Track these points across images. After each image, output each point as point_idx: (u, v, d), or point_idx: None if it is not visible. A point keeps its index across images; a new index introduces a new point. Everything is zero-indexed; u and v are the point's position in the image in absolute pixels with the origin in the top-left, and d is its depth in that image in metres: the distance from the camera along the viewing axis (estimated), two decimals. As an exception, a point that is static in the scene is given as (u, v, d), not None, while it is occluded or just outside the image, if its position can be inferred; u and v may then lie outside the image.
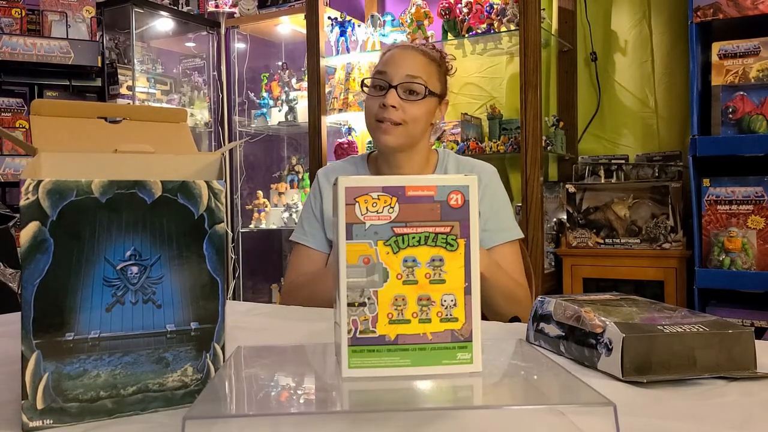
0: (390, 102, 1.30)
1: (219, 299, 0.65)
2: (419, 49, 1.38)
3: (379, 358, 0.61)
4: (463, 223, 0.60)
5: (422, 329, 0.61)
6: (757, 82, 1.95)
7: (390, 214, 0.60)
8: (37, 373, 0.59)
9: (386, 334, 0.60)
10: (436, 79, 1.36)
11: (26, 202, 0.58)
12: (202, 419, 0.50)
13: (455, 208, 0.60)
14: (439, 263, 0.60)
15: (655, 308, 0.82)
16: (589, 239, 2.32)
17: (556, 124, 2.56)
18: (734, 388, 0.68)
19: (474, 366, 0.61)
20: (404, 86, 1.31)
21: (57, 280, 0.59)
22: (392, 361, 0.61)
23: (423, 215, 0.60)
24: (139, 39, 3.39)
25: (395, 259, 0.60)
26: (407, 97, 1.31)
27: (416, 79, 1.31)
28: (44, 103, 0.71)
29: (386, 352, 0.61)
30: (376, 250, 0.60)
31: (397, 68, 1.32)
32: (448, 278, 0.60)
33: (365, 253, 0.61)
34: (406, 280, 0.60)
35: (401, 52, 1.36)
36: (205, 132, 3.65)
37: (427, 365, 0.60)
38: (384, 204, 0.60)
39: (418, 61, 1.34)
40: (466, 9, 2.57)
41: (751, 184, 1.96)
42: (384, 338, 0.60)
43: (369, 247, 0.60)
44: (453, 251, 0.60)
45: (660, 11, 2.52)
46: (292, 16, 3.23)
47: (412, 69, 1.32)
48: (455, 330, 0.60)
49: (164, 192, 0.63)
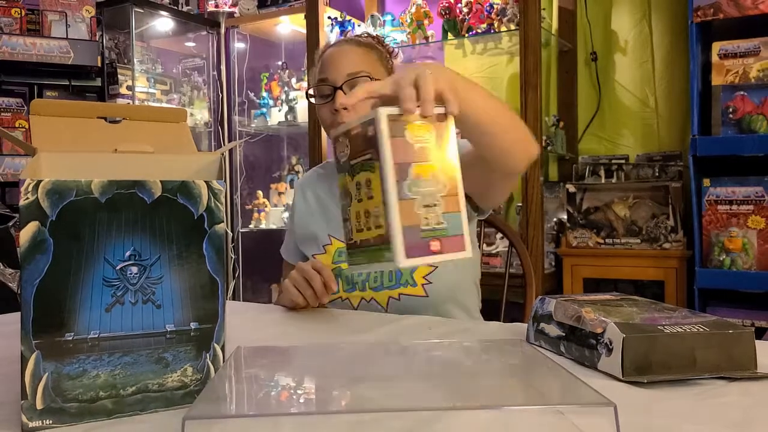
0: (340, 103, 1.21)
1: (219, 299, 0.65)
2: (353, 41, 1.33)
3: (355, 257, 0.75)
4: (377, 148, 0.69)
5: (368, 235, 0.73)
6: (757, 82, 1.94)
7: (346, 151, 0.75)
8: (37, 374, 0.59)
9: (356, 240, 0.75)
10: (380, 66, 1.30)
11: (26, 202, 0.58)
12: (202, 419, 0.50)
13: (371, 137, 0.70)
14: (368, 183, 0.72)
15: (656, 308, 0.82)
16: (590, 239, 2.32)
17: (556, 124, 2.56)
18: (734, 388, 0.68)
19: (398, 261, 0.68)
20: (349, 84, 1.24)
21: (56, 281, 0.59)
22: (358, 259, 0.74)
23: (360, 148, 0.72)
24: (138, 39, 3.39)
25: (353, 185, 0.74)
26: None
27: (359, 74, 1.24)
28: (44, 103, 0.71)
29: (358, 252, 0.75)
30: (347, 181, 0.75)
31: (337, 69, 1.26)
32: (374, 194, 0.70)
33: (343, 183, 0.75)
34: (358, 199, 0.74)
35: (336, 51, 1.30)
36: (205, 132, 3.65)
37: (375, 261, 0.72)
38: (345, 146, 0.75)
39: (355, 54, 1.28)
40: (466, 9, 2.57)
41: (751, 184, 1.96)
42: (356, 243, 0.75)
43: (345, 177, 0.75)
44: (374, 173, 0.70)
45: (660, 11, 2.52)
46: (292, 16, 3.23)
47: (351, 65, 1.26)
48: (382, 234, 0.70)
49: (164, 192, 0.63)
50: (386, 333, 1.02)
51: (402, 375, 0.68)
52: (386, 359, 0.75)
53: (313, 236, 1.36)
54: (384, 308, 1.27)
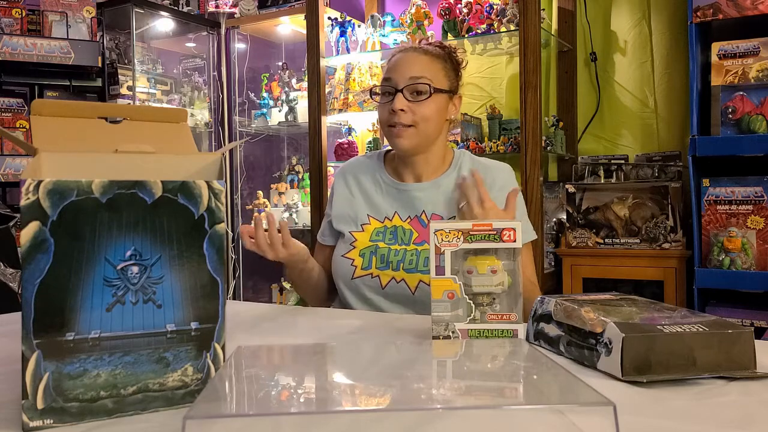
0: (398, 106, 1.32)
1: (219, 299, 0.65)
2: (422, 49, 1.40)
3: None
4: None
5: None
6: (756, 82, 1.95)
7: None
8: (38, 373, 0.59)
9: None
10: (443, 76, 1.38)
11: (27, 202, 0.58)
12: (202, 419, 0.50)
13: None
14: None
15: (655, 308, 0.82)
16: (589, 239, 2.33)
17: (556, 124, 2.56)
18: (734, 387, 0.68)
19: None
20: (410, 88, 1.33)
21: (57, 280, 0.59)
22: None
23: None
24: (139, 39, 3.40)
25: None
26: (414, 98, 1.34)
27: (420, 80, 1.33)
28: (45, 103, 0.71)
29: None
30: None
31: (401, 72, 1.34)
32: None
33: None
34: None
35: (404, 55, 1.38)
36: (205, 132, 3.65)
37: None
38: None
39: (421, 60, 1.36)
40: (465, 9, 2.57)
41: (750, 184, 1.96)
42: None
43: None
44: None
45: (660, 11, 2.52)
46: (292, 17, 3.23)
47: (415, 70, 1.34)
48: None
49: (164, 192, 0.63)
50: (386, 333, 1.03)
51: (402, 374, 0.68)
52: (386, 359, 0.75)
53: (352, 215, 1.42)
54: (412, 291, 1.31)
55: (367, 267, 1.34)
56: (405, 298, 1.31)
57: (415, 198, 1.39)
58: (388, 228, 1.38)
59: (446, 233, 0.84)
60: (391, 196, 1.42)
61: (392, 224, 1.38)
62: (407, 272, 1.32)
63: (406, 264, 1.32)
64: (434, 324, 0.84)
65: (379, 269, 1.34)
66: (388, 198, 1.42)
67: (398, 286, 1.32)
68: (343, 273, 1.37)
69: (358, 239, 1.38)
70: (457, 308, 0.84)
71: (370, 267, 1.34)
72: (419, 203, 1.38)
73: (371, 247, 1.36)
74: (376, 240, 1.37)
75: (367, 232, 1.38)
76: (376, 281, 1.34)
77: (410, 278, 1.31)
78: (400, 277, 1.32)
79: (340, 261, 1.38)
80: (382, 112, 1.38)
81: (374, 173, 1.46)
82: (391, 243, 1.36)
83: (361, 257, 1.36)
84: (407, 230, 1.36)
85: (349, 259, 1.37)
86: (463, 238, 0.84)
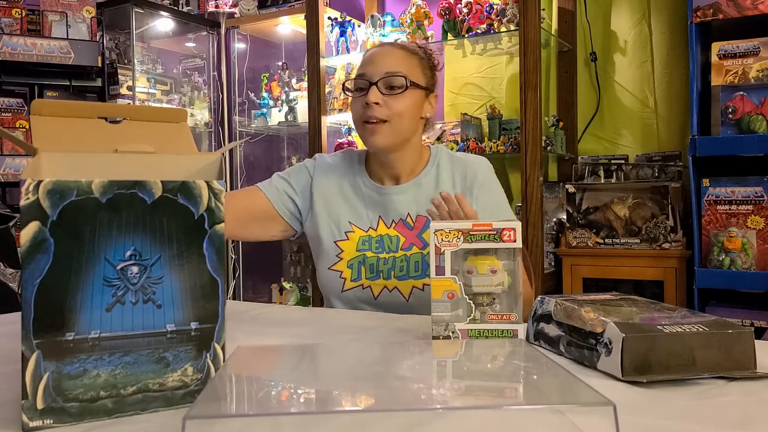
0: (372, 99, 1.27)
1: (219, 299, 0.65)
2: (398, 45, 1.38)
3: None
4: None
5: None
6: (756, 82, 1.94)
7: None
8: (38, 373, 0.59)
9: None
10: (419, 72, 1.33)
11: (26, 202, 0.58)
12: (202, 419, 0.50)
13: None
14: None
15: (655, 308, 0.82)
16: (589, 239, 2.32)
17: (555, 124, 2.56)
18: (734, 387, 0.68)
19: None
20: (385, 81, 1.28)
21: (57, 280, 0.59)
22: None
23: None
24: (139, 39, 3.39)
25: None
26: (389, 92, 1.28)
27: (396, 74, 1.28)
28: (44, 103, 0.71)
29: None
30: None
31: (376, 66, 1.30)
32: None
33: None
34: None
35: (379, 50, 1.35)
36: (205, 132, 3.65)
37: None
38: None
39: (397, 55, 1.32)
40: (465, 9, 2.57)
41: (750, 184, 1.96)
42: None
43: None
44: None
45: (660, 11, 2.52)
46: (292, 17, 3.23)
47: (390, 65, 1.29)
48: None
49: (164, 192, 0.63)
50: (386, 332, 1.02)
51: (402, 374, 0.68)
52: (386, 359, 0.75)
53: (334, 219, 1.36)
54: (406, 298, 1.29)
55: (357, 278, 1.31)
56: (399, 305, 1.28)
57: (397, 201, 1.34)
58: (373, 237, 1.34)
59: (446, 233, 0.85)
60: (372, 202, 1.36)
61: (377, 233, 1.34)
62: (399, 279, 1.29)
63: (397, 271, 1.29)
64: (434, 324, 0.84)
65: (370, 279, 1.31)
66: (370, 204, 1.36)
67: (391, 294, 1.29)
68: (333, 286, 1.33)
69: (345, 250, 1.33)
70: (457, 308, 0.84)
71: (359, 278, 1.31)
72: (402, 207, 1.34)
73: (359, 257, 1.32)
74: (363, 249, 1.33)
75: (353, 241, 1.34)
76: (367, 292, 1.31)
77: (403, 285, 1.29)
78: (392, 286, 1.29)
79: (328, 274, 1.34)
80: (356, 108, 1.32)
81: (354, 176, 1.40)
82: (379, 252, 1.32)
83: (350, 269, 1.32)
84: (393, 237, 1.33)
85: (336, 271, 1.33)
86: (463, 238, 0.85)
